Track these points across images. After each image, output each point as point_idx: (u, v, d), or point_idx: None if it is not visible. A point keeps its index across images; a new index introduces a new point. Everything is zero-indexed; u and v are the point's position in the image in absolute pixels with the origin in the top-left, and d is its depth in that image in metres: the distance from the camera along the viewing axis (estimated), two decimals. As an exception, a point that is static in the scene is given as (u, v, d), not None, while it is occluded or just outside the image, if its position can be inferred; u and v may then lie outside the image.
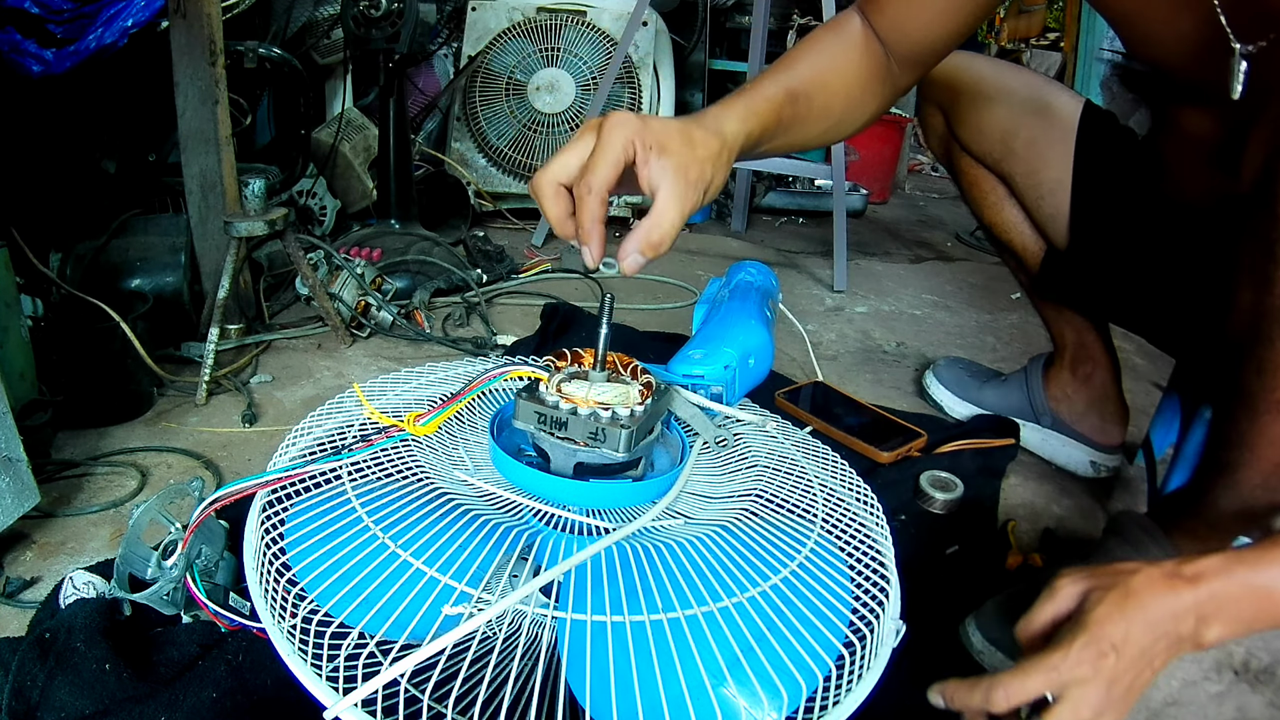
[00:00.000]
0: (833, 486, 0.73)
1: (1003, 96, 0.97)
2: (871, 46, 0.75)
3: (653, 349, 1.32)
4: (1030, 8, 3.69)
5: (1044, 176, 0.95)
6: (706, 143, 0.62)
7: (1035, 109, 0.96)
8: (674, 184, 0.58)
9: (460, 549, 0.55)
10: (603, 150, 0.58)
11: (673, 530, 0.63)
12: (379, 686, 0.46)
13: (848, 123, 0.77)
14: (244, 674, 0.63)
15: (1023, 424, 1.13)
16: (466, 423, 0.74)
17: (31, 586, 0.75)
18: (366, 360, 1.28)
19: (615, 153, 0.57)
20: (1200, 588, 0.49)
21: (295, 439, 0.70)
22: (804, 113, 0.71)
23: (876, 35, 0.76)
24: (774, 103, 0.68)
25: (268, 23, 1.83)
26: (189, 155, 1.24)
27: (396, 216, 1.69)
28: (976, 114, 0.98)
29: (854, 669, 0.55)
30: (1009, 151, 0.97)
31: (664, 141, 0.59)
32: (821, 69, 0.73)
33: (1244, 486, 0.64)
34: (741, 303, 0.95)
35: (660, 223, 0.58)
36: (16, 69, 1.15)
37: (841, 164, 1.78)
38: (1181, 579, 0.49)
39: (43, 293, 1.16)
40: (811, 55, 0.74)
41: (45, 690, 0.59)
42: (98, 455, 0.97)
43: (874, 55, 0.76)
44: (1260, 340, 0.59)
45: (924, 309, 1.75)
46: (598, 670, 0.52)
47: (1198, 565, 0.50)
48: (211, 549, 0.67)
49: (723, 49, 2.59)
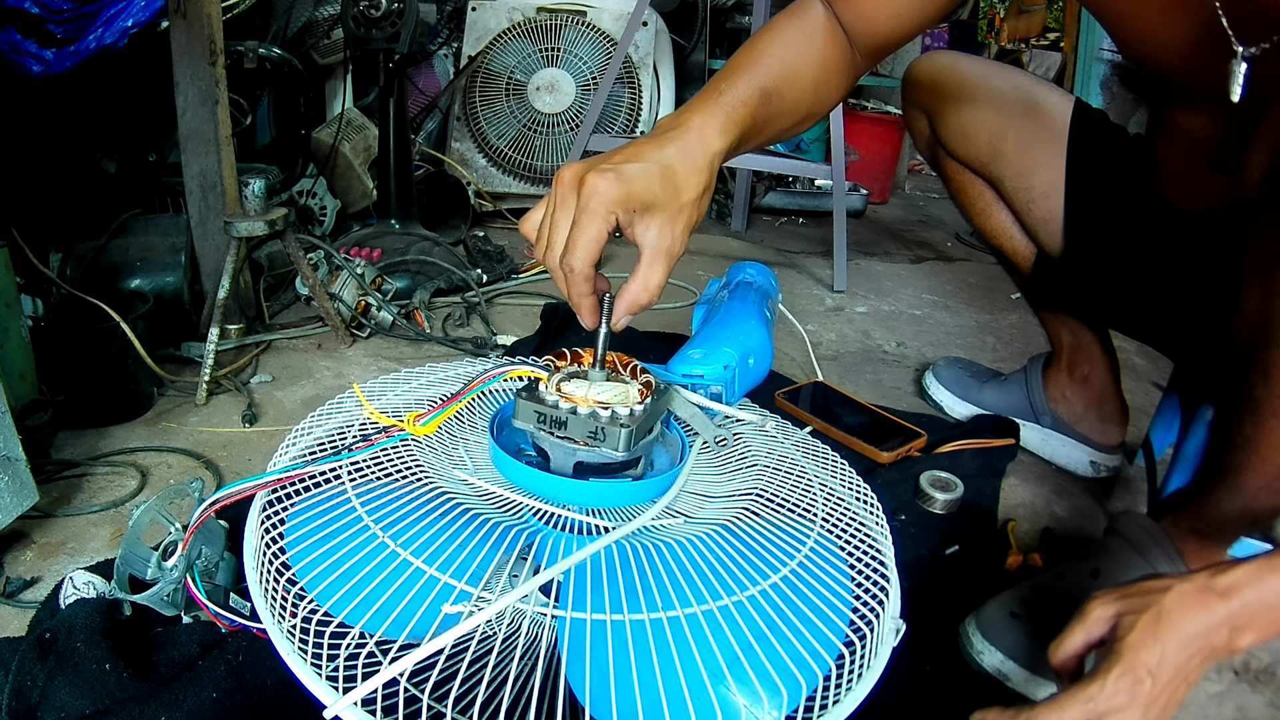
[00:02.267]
0: (833, 486, 0.73)
1: (989, 98, 0.94)
2: (836, 36, 0.74)
3: (653, 349, 1.32)
4: (1030, 8, 3.68)
5: (1034, 180, 0.93)
6: (692, 183, 0.61)
7: (1024, 110, 0.93)
8: (658, 243, 0.59)
9: (460, 548, 0.55)
10: (581, 229, 0.57)
11: (672, 529, 0.63)
12: (379, 685, 0.46)
13: (815, 115, 0.76)
14: (244, 674, 0.63)
15: (1023, 424, 1.13)
16: (466, 422, 0.74)
17: (31, 586, 0.75)
18: (366, 360, 1.28)
19: (597, 228, 0.57)
20: (1233, 600, 0.49)
21: (295, 439, 0.70)
22: (776, 111, 0.70)
23: (840, 23, 0.74)
24: (750, 106, 0.67)
25: (268, 23, 1.83)
26: (189, 155, 1.24)
27: (396, 216, 1.69)
28: (962, 118, 0.95)
29: (854, 668, 0.55)
30: (997, 155, 0.94)
31: (648, 201, 0.58)
32: (790, 63, 0.71)
33: (1248, 490, 0.64)
34: (741, 303, 0.95)
35: (646, 285, 0.60)
36: (16, 69, 1.15)
37: (841, 164, 1.78)
38: (1214, 593, 0.49)
39: (43, 293, 1.16)
40: (779, 49, 0.72)
41: (45, 690, 0.59)
42: (98, 455, 0.97)
43: (838, 45, 0.74)
44: (1266, 345, 0.59)
45: (924, 309, 1.75)
46: (598, 669, 0.52)
47: (1230, 577, 0.50)
48: (211, 550, 0.67)
49: (723, 49, 2.60)
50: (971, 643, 0.74)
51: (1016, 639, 0.72)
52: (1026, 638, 0.71)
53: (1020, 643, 0.71)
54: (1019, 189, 0.94)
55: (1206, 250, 0.79)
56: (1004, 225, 1.01)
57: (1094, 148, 0.92)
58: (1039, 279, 1.02)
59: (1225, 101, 0.64)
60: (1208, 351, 0.84)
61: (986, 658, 0.72)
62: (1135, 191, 0.88)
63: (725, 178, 2.42)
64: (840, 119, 1.81)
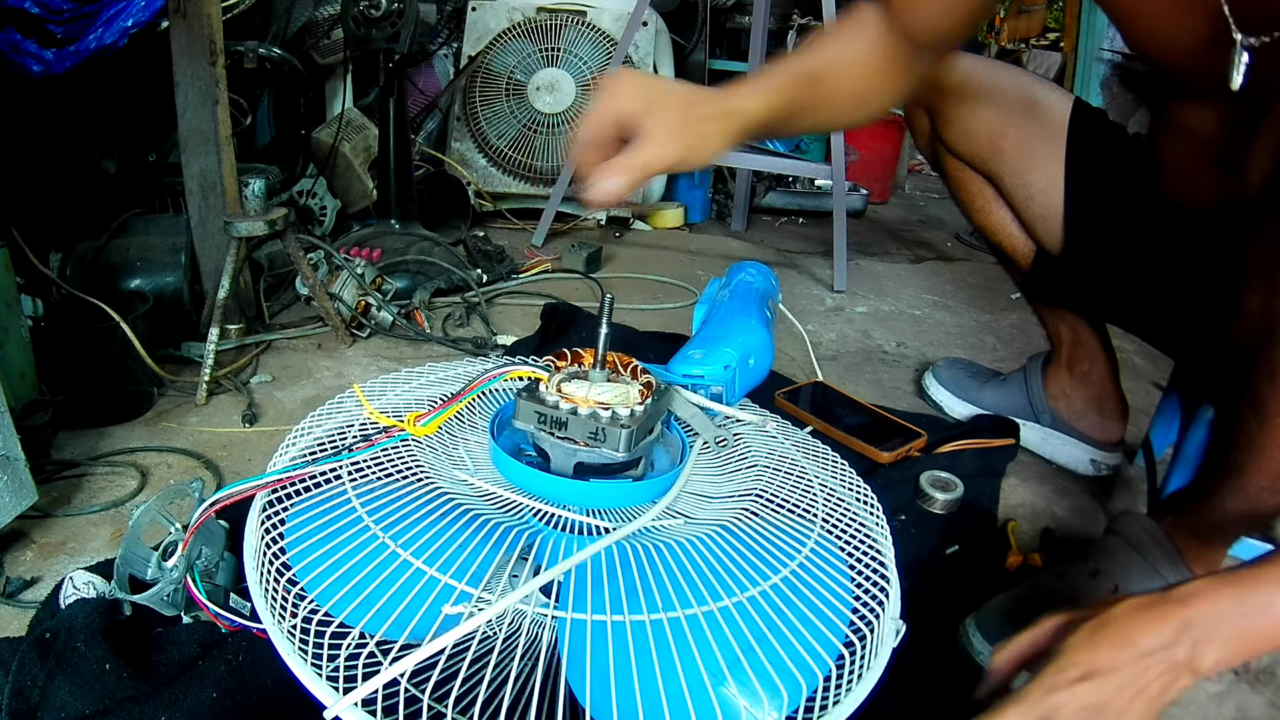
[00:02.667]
0: (833, 486, 0.73)
1: (990, 96, 0.95)
2: (887, 33, 0.76)
3: (653, 349, 1.32)
4: (1030, 8, 3.69)
5: (1033, 176, 0.94)
6: (706, 105, 0.67)
7: (1024, 108, 0.94)
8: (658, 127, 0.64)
9: (460, 549, 0.55)
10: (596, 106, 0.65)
11: (673, 530, 0.63)
12: (379, 686, 0.46)
13: (865, 107, 0.80)
14: (244, 674, 0.63)
15: (1022, 423, 1.13)
16: (466, 423, 0.74)
17: (31, 586, 0.75)
18: (367, 360, 1.28)
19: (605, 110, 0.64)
20: (1190, 608, 0.48)
21: (295, 439, 0.70)
22: (823, 95, 0.75)
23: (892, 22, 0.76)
24: (791, 80, 0.72)
25: (268, 23, 1.83)
26: (189, 155, 1.24)
27: (396, 216, 1.69)
28: (962, 115, 0.97)
29: (854, 669, 0.55)
30: (997, 152, 0.95)
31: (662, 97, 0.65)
32: (838, 53, 0.76)
33: (1251, 489, 0.64)
34: (741, 303, 0.95)
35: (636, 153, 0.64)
36: (17, 69, 1.15)
37: (841, 164, 1.78)
38: (1171, 602, 0.48)
39: (43, 293, 1.16)
40: (828, 41, 0.77)
41: (45, 690, 0.59)
42: (98, 455, 0.97)
43: (889, 42, 0.77)
44: (1271, 344, 0.59)
45: (924, 309, 1.75)
46: (598, 670, 0.52)
47: (1188, 587, 0.49)
48: (212, 550, 0.67)
49: (723, 49, 2.60)
50: (971, 642, 0.74)
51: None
52: None
53: None
54: (1018, 186, 0.95)
55: (1207, 248, 0.79)
56: (1003, 222, 1.02)
57: (1093, 145, 0.92)
58: (1038, 275, 1.02)
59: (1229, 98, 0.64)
60: (1208, 350, 0.84)
61: (986, 659, 0.72)
62: (1135, 188, 0.88)
63: (725, 178, 2.42)
64: (840, 119, 1.81)
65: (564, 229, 2.07)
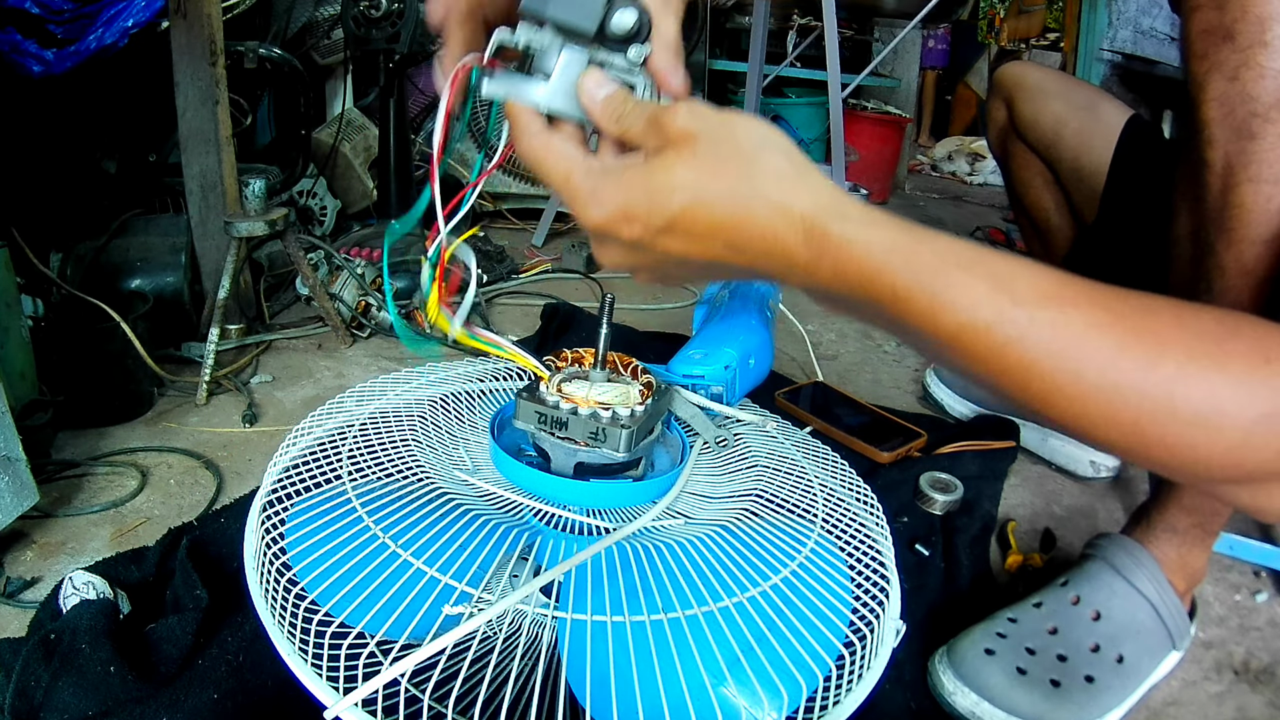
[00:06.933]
0: (833, 487, 0.73)
1: (1059, 94, 1.10)
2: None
3: (653, 349, 1.32)
4: (1030, 8, 3.68)
5: (1085, 161, 1.06)
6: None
7: (1086, 105, 1.08)
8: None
9: (460, 549, 0.55)
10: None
11: (673, 530, 0.64)
12: (379, 686, 0.46)
13: None
14: (244, 674, 0.63)
15: (1022, 424, 1.13)
16: (467, 422, 0.74)
17: (32, 586, 0.75)
18: (367, 360, 1.28)
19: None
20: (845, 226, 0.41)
21: (295, 439, 0.70)
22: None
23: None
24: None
25: (268, 23, 1.83)
26: (189, 155, 1.24)
27: (396, 216, 1.69)
28: (1034, 106, 1.11)
29: (854, 669, 0.55)
30: (1059, 139, 1.09)
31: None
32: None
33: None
34: (741, 303, 0.95)
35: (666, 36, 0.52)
36: (17, 69, 1.16)
37: (841, 164, 1.78)
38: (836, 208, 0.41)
39: (43, 293, 1.16)
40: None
41: (49, 691, 0.59)
42: (98, 455, 0.97)
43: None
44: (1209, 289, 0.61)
45: (924, 309, 1.75)
46: (598, 670, 0.52)
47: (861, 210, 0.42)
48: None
49: (723, 49, 2.60)
50: (942, 683, 0.68)
51: (991, 678, 0.67)
52: (1003, 676, 0.67)
53: (996, 682, 0.67)
54: (1073, 169, 1.09)
55: None
56: (1053, 204, 1.14)
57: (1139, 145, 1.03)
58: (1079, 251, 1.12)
59: None
60: None
61: (959, 699, 0.67)
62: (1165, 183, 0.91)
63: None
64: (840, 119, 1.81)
65: (564, 229, 2.07)
